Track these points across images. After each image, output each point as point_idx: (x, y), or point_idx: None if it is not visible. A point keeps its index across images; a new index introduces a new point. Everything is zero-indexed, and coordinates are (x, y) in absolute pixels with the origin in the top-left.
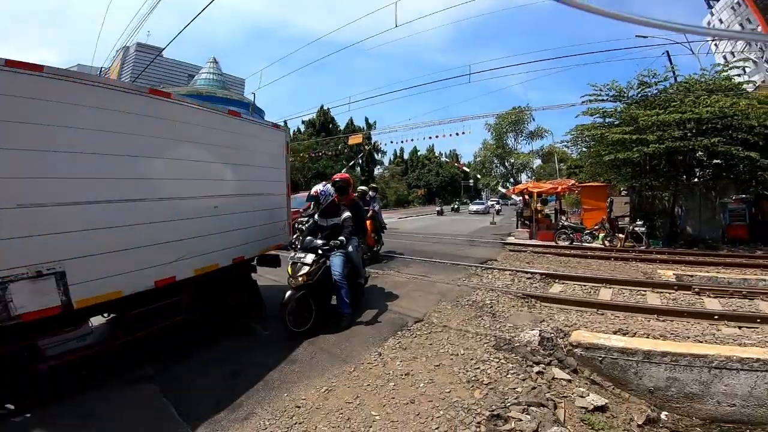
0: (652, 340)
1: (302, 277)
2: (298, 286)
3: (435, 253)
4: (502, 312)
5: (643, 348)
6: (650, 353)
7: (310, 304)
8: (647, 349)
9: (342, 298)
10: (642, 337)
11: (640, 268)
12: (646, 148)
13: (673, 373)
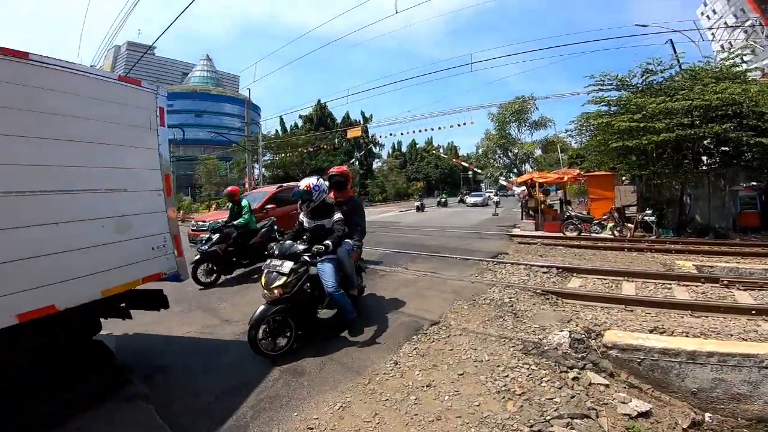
0: (696, 340)
1: (277, 289)
2: (272, 300)
3: (442, 247)
4: (524, 311)
5: (687, 348)
6: (695, 354)
7: (288, 322)
8: (692, 350)
9: (342, 305)
10: (681, 336)
11: (657, 259)
12: (656, 137)
13: (719, 373)
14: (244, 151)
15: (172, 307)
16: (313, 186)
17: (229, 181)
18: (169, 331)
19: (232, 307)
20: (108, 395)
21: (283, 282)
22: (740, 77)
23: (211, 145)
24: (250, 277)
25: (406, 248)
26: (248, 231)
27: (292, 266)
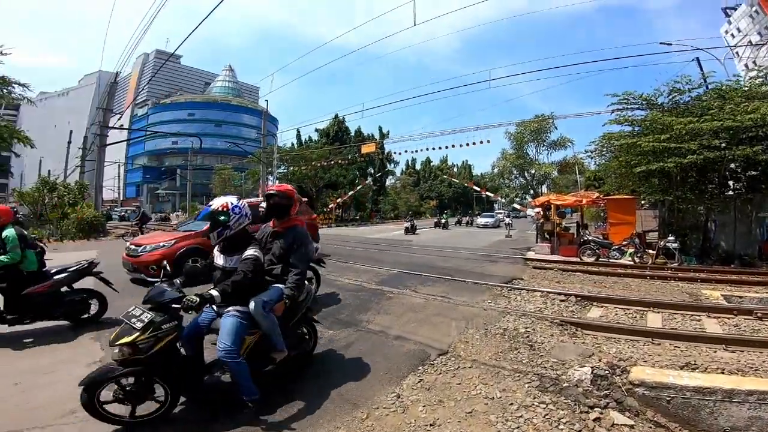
0: (733, 378)
1: (124, 347)
2: (121, 361)
3: (454, 269)
4: (540, 343)
5: (724, 387)
6: (733, 392)
7: (152, 386)
8: (729, 388)
9: (238, 378)
10: (716, 373)
11: (683, 288)
12: (683, 159)
13: (757, 411)
14: (260, 162)
15: None
16: (233, 207)
17: (243, 192)
18: None
19: None
20: None
21: (133, 339)
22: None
23: (228, 155)
24: None
25: (415, 269)
26: (16, 274)
27: (152, 318)
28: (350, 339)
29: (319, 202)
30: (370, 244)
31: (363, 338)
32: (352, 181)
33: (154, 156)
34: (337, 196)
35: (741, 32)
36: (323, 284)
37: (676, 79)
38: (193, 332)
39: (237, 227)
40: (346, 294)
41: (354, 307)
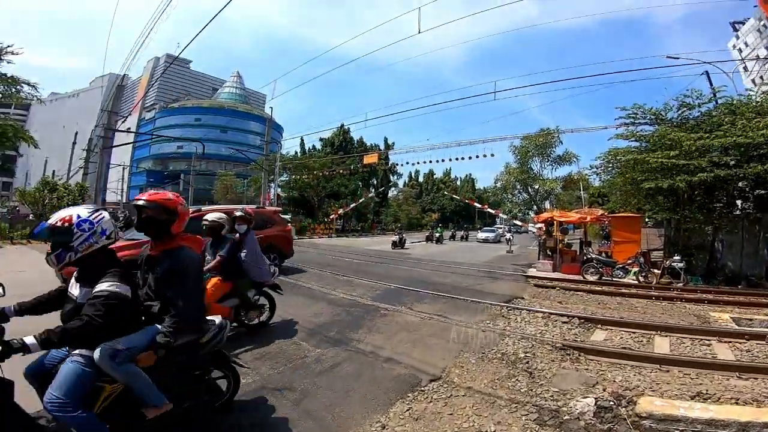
0: (748, 409)
1: None
2: None
3: (452, 286)
4: (540, 370)
5: (739, 419)
6: (748, 425)
7: None
8: (745, 421)
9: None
10: (729, 403)
11: (690, 309)
12: (693, 177)
13: None
14: (262, 169)
15: None
16: (78, 222)
17: (245, 199)
18: None
19: None
20: None
21: None
22: None
23: (232, 161)
24: None
25: (413, 284)
26: None
27: None
28: (337, 359)
29: (321, 212)
30: (369, 256)
31: (351, 359)
32: (354, 192)
33: (158, 160)
34: (339, 206)
35: (749, 47)
36: (314, 299)
37: (686, 93)
38: (36, 373)
39: (85, 249)
40: (338, 309)
41: (346, 323)
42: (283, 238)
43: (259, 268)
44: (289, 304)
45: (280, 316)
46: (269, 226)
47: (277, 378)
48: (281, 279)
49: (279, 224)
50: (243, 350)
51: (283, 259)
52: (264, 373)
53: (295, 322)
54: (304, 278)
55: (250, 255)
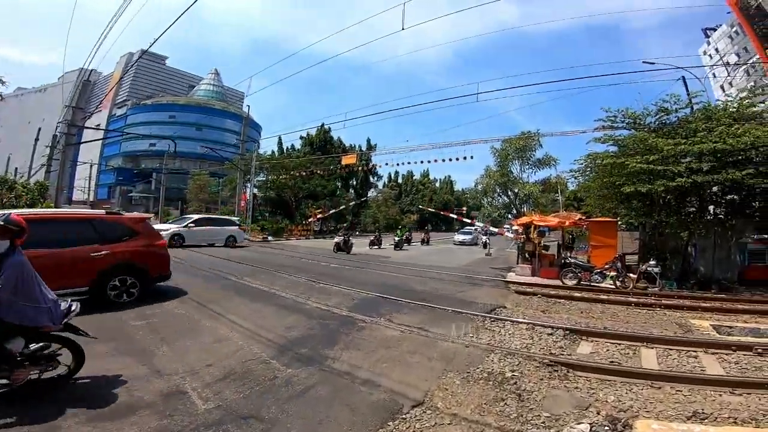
0: (750, 430)
1: None
2: None
3: (432, 294)
4: (529, 391)
5: None
6: None
7: None
8: None
9: None
10: (728, 424)
11: (670, 317)
12: (671, 182)
13: None
14: (237, 169)
15: (98, 345)
16: None
17: (220, 199)
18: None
19: (174, 353)
20: None
21: None
22: (757, 118)
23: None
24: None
25: (392, 293)
26: None
27: None
28: (310, 381)
29: (299, 213)
30: (347, 260)
31: (326, 380)
32: (333, 193)
33: (129, 158)
34: (318, 207)
35: (719, 53)
36: (287, 309)
37: (664, 99)
38: None
39: None
40: (312, 322)
41: (320, 338)
42: (151, 254)
43: (23, 306)
44: (260, 316)
45: (251, 330)
46: (127, 239)
47: (242, 404)
48: (255, 287)
49: (144, 236)
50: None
51: (153, 282)
52: (227, 397)
53: (265, 337)
54: (278, 285)
55: (7, 286)
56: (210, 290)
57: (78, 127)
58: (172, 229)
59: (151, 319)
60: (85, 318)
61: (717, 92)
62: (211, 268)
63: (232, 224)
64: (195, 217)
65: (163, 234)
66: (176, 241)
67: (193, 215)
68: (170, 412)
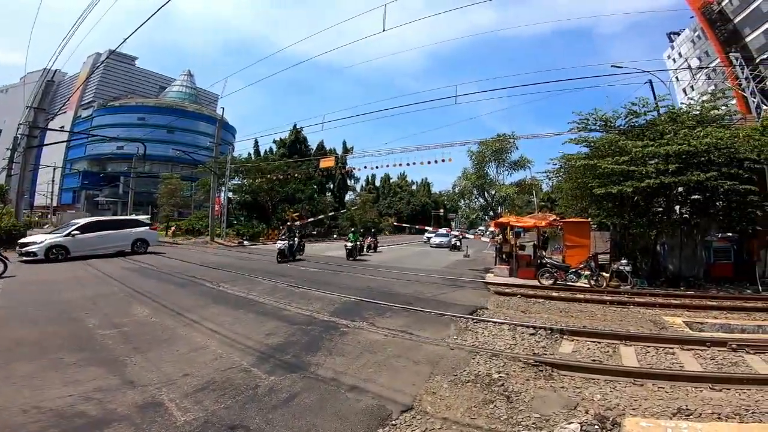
0: (734, 425)
1: None
2: None
3: (414, 297)
4: (517, 392)
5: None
6: None
7: None
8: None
9: None
10: (713, 420)
11: (644, 314)
12: (640, 183)
13: None
14: (211, 172)
15: (66, 355)
16: None
17: (192, 203)
18: (39, 393)
19: (148, 362)
20: None
21: None
22: (718, 121)
23: (180, 163)
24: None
25: (373, 296)
26: None
27: None
28: (294, 389)
29: (275, 217)
30: (326, 264)
31: (311, 388)
32: (310, 196)
33: (95, 161)
34: (295, 211)
35: (682, 57)
36: (266, 316)
37: (633, 102)
38: None
39: None
40: (293, 328)
41: (302, 345)
42: None
43: None
44: (238, 323)
45: (227, 337)
46: None
47: (224, 414)
48: (228, 291)
49: None
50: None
51: None
52: (208, 407)
53: (244, 345)
54: (255, 291)
55: None
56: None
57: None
58: (47, 241)
59: (122, 327)
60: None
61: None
62: (185, 272)
63: (140, 225)
64: (82, 221)
65: (34, 248)
66: (56, 255)
67: (80, 219)
68: (147, 425)
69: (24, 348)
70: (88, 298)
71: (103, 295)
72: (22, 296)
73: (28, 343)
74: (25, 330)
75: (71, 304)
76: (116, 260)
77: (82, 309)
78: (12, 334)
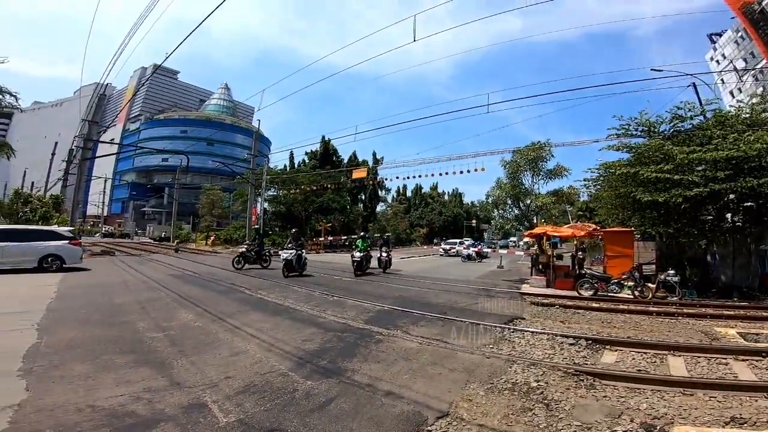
0: None
1: None
2: None
3: (448, 306)
4: (557, 400)
5: None
6: None
7: None
8: None
9: None
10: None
11: (694, 326)
12: (688, 191)
13: None
14: (248, 183)
15: (118, 357)
16: None
17: (231, 213)
18: (94, 393)
19: (193, 365)
20: None
21: None
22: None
23: (219, 174)
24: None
25: (406, 305)
26: None
27: None
28: (331, 393)
29: (309, 227)
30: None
31: (347, 392)
32: (343, 207)
33: (142, 173)
34: (327, 222)
35: (726, 58)
36: (303, 323)
37: (678, 106)
38: None
39: None
40: (329, 335)
41: (337, 351)
42: None
43: None
44: (276, 329)
45: (266, 342)
46: None
47: (263, 417)
48: (266, 299)
49: None
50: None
51: None
52: (248, 410)
53: (282, 350)
54: (291, 299)
55: None
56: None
57: (94, 141)
58: None
59: (168, 331)
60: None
61: (727, 98)
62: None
63: (56, 237)
64: None
65: None
66: None
67: None
68: (191, 425)
69: (79, 348)
70: (137, 302)
71: (151, 300)
72: (77, 300)
73: (83, 344)
74: (80, 331)
75: (122, 308)
76: (162, 268)
77: (132, 312)
78: (68, 335)
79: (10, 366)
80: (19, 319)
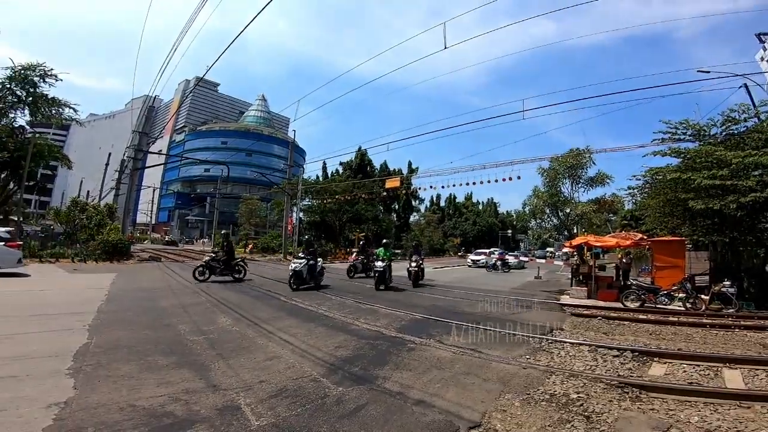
0: None
1: None
2: None
3: (483, 316)
4: (599, 413)
5: None
6: None
7: None
8: None
9: None
10: None
11: (752, 338)
12: (744, 197)
13: None
14: (284, 193)
15: (160, 358)
16: None
17: (268, 223)
18: (135, 393)
19: (230, 368)
20: None
21: None
22: None
23: (256, 184)
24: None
25: (440, 314)
26: None
27: None
28: (361, 400)
29: (342, 236)
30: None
31: (377, 400)
32: (376, 217)
33: (187, 182)
34: (361, 231)
35: None
36: (336, 329)
37: (732, 108)
38: None
39: None
40: (361, 342)
41: (369, 358)
42: None
43: None
44: (310, 335)
45: (299, 348)
46: None
47: (294, 421)
48: (300, 305)
49: None
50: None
51: None
52: (280, 414)
53: (315, 356)
54: (326, 306)
55: None
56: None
57: (144, 152)
58: None
59: (208, 334)
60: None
61: None
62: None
63: None
64: None
65: None
66: None
67: None
68: (225, 427)
69: (124, 349)
70: (179, 306)
71: (193, 304)
72: (124, 302)
73: (128, 345)
74: (126, 332)
75: (166, 311)
76: None
77: (175, 316)
78: (115, 336)
79: (61, 365)
80: (74, 320)
